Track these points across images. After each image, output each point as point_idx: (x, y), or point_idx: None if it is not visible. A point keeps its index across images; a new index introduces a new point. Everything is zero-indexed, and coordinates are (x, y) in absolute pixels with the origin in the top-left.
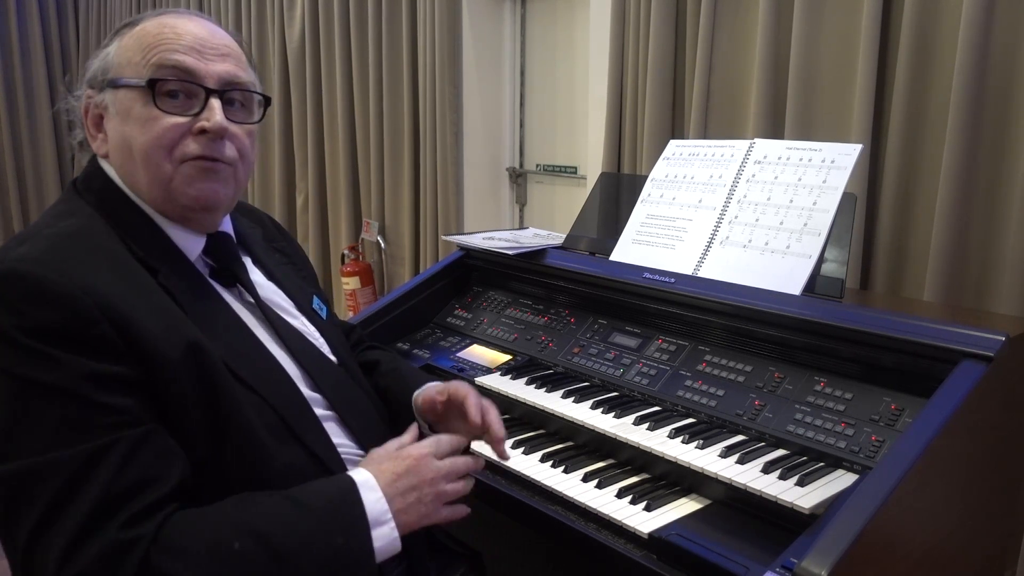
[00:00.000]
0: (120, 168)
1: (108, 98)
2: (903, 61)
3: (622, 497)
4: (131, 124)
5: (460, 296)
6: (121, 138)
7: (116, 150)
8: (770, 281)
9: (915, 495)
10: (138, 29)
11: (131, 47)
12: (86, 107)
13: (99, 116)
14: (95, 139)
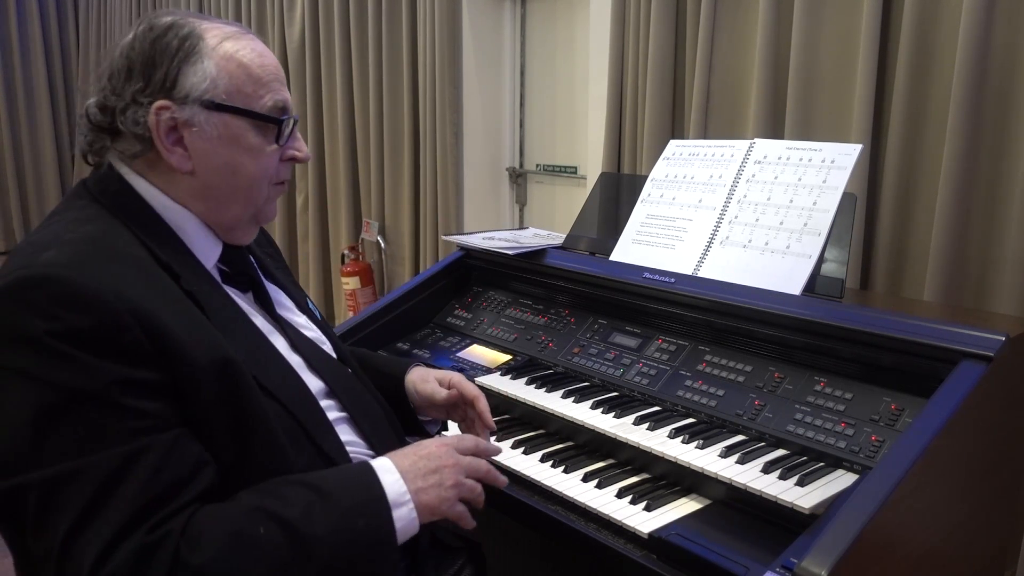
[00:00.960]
0: (200, 187)
1: (201, 117)
2: (903, 61)
3: (622, 497)
4: (239, 151)
5: (460, 296)
6: (224, 163)
7: (212, 172)
8: (770, 281)
9: (915, 495)
10: (233, 53)
11: (237, 74)
12: (160, 120)
13: (174, 129)
14: (171, 153)
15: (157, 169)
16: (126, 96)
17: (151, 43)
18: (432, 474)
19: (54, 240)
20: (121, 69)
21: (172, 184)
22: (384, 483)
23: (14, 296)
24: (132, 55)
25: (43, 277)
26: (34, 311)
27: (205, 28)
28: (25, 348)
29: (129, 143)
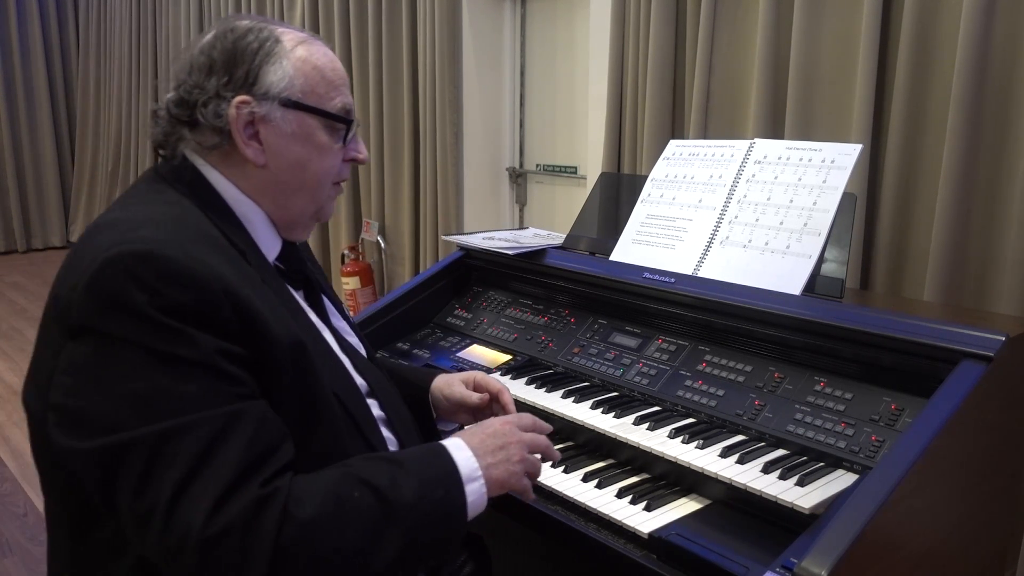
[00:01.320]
0: (272, 181)
1: (277, 113)
2: (903, 61)
3: (622, 497)
4: (309, 148)
5: (460, 296)
6: (295, 159)
7: (283, 167)
8: (770, 281)
9: (915, 495)
10: (308, 55)
11: (312, 76)
12: (240, 114)
13: (251, 123)
14: (247, 146)
15: (230, 162)
16: (209, 90)
17: (232, 43)
18: (500, 451)
19: (145, 219)
20: (202, 66)
21: (244, 177)
22: (456, 460)
23: (119, 268)
24: (213, 53)
25: (147, 252)
26: (138, 284)
27: (281, 32)
28: (128, 318)
29: (207, 135)
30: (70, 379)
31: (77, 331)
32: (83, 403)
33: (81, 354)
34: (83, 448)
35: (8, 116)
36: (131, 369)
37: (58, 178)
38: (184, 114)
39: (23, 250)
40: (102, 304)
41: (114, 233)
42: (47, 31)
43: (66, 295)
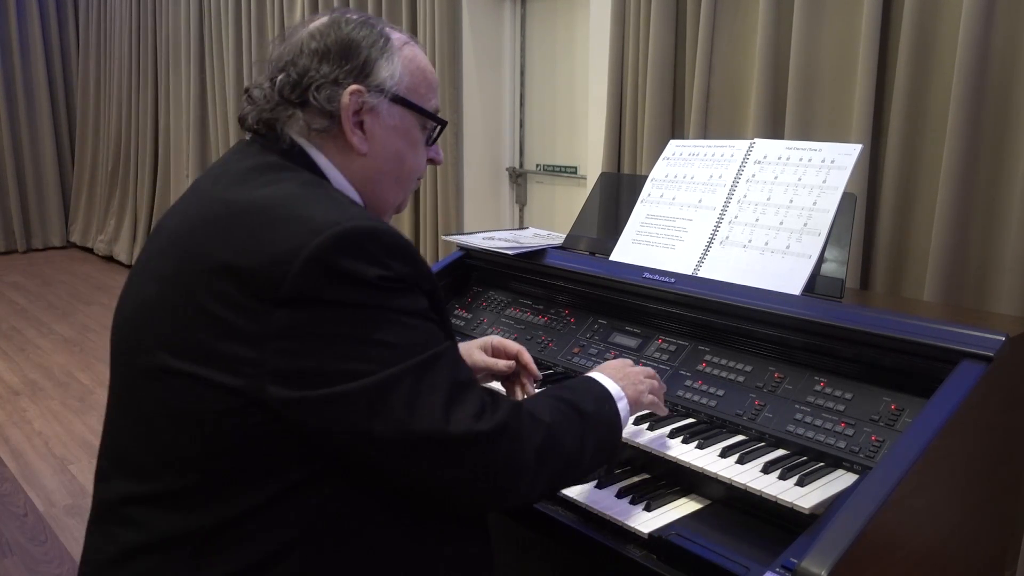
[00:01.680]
0: (371, 169)
1: (384, 106)
2: (903, 61)
3: (622, 497)
4: (406, 143)
5: (460, 296)
6: (395, 150)
7: (383, 158)
8: (770, 281)
9: (915, 495)
10: (414, 56)
11: (416, 75)
12: (351, 101)
13: (358, 112)
14: (353, 133)
15: (335, 146)
16: (325, 75)
17: (348, 33)
18: (625, 378)
19: (322, 197)
20: (315, 51)
21: (346, 163)
22: (606, 385)
23: (349, 244)
24: (328, 41)
25: (374, 229)
26: (369, 259)
27: (389, 30)
28: (362, 288)
29: (315, 117)
30: (300, 343)
31: (295, 300)
32: (327, 360)
33: (311, 320)
34: (334, 392)
35: (8, 116)
36: (371, 324)
37: (58, 178)
38: (295, 95)
39: (23, 250)
40: (332, 277)
41: (310, 210)
42: (47, 31)
43: (264, 267)
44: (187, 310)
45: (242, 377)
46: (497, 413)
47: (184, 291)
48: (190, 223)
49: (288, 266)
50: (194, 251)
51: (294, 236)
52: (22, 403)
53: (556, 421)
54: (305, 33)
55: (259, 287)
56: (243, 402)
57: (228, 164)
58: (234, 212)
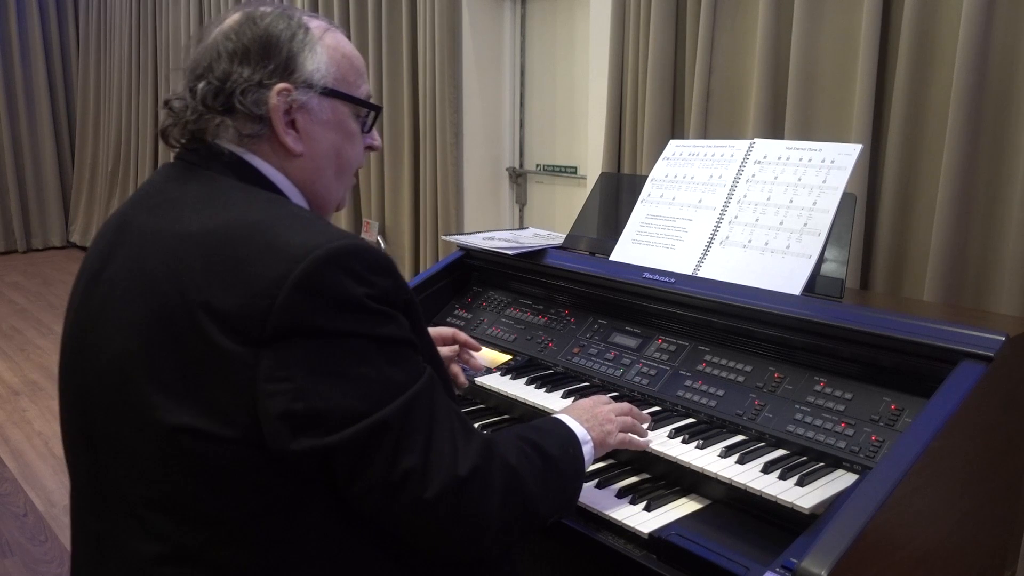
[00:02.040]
0: (310, 169)
1: (314, 101)
2: (903, 61)
3: (622, 497)
4: (341, 136)
5: (460, 296)
6: (332, 145)
7: (320, 155)
8: (770, 281)
9: (915, 495)
10: (337, 43)
11: (343, 64)
12: (280, 102)
13: (288, 111)
14: (286, 134)
15: (271, 150)
16: (251, 78)
17: (265, 29)
18: (593, 419)
19: (291, 216)
20: (232, 52)
21: (284, 164)
22: (571, 427)
23: (333, 266)
24: (245, 40)
25: (355, 247)
26: (355, 278)
27: (307, 19)
28: (351, 312)
29: (245, 123)
30: (294, 383)
31: (285, 334)
32: (322, 401)
33: (301, 356)
34: (333, 441)
35: (8, 116)
36: (359, 358)
37: (58, 178)
38: (219, 103)
39: (23, 250)
40: (321, 303)
41: (282, 235)
42: (47, 31)
43: (247, 304)
44: (176, 359)
45: (238, 428)
46: (470, 450)
47: (169, 339)
48: (144, 264)
49: (272, 300)
50: (164, 293)
51: (274, 266)
52: (22, 403)
53: (521, 463)
54: (219, 34)
55: (243, 327)
56: (246, 451)
57: (166, 192)
58: (200, 246)
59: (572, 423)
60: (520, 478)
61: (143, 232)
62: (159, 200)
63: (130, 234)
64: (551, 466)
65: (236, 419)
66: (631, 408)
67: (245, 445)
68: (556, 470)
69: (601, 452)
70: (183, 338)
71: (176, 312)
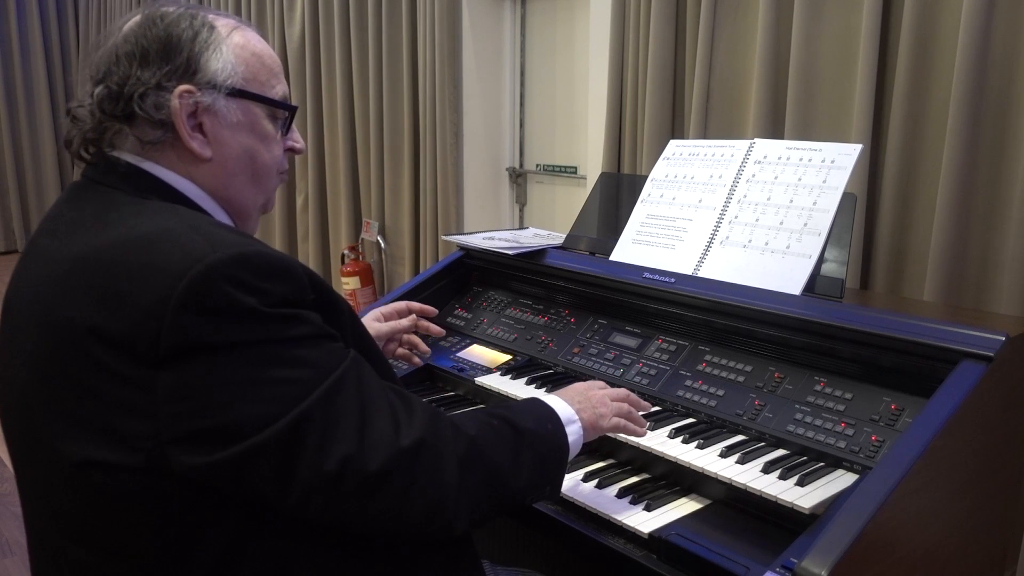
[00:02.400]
0: (221, 174)
1: (221, 102)
2: (903, 61)
3: (622, 497)
4: (254, 138)
5: (460, 296)
6: (243, 149)
7: (230, 159)
8: (770, 281)
9: (915, 495)
10: (245, 42)
11: (252, 62)
12: (183, 105)
13: (194, 115)
14: (192, 138)
15: (176, 157)
16: (148, 81)
17: (165, 30)
18: (585, 401)
19: (177, 229)
20: (131, 54)
21: (194, 172)
22: (553, 406)
23: (216, 279)
24: (143, 41)
25: (239, 256)
26: (243, 289)
27: (213, 18)
28: (243, 322)
29: (146, 130)
30: (197, 401)
31: (176, 355)
32: (230, 413)
33: (200, 372)
34: (246, 448)
35: (8, 116)
36: (263, 364)
37: (58, 178)
38: (118, 108)
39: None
40: (209, 319)
41: (164, 251)
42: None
43: (133, 326)
44: (70, 389)
45: (141, 453)
46: (413, 423)
47: (60, 367)
48: (40, 290)
49: (159, 320)
50: (54, 321)
51: (156, 286)
52: None
53: (482, 435)
54: (119, 36)
55: (135, 350)
56: (153, 479)
57: (63, 215)
58: (85, 268)
59: (555, 401)
60: (478, 448)
61: (41, 258)
62: (58, 223)
63: (32, 260)
64: (523, 440)
65: (138, 444)
66: (628, 394)
67: (150, 472)
68: (530, 445)
69: (593, 435)
70: (75, 366)
71: (66, 340)
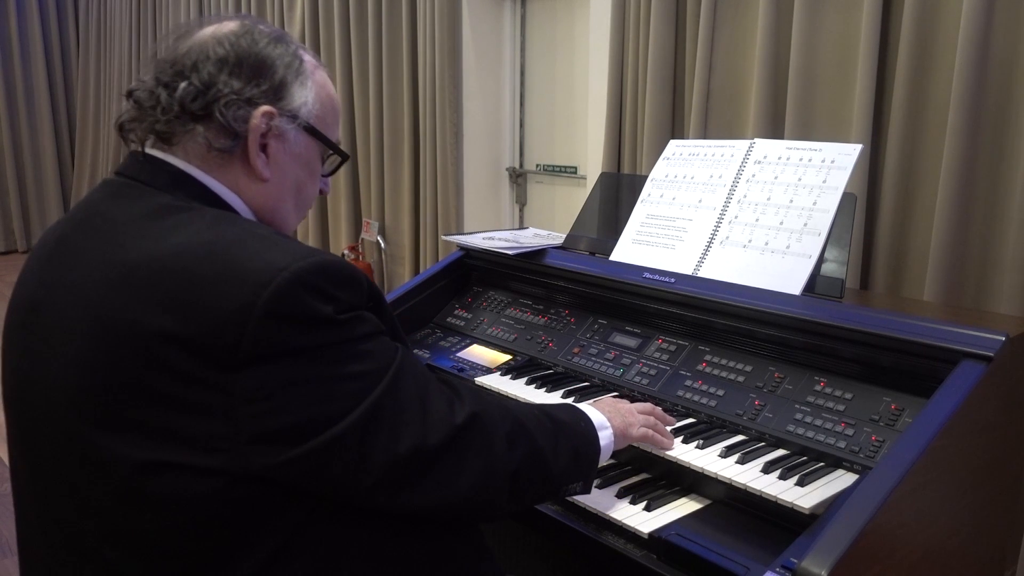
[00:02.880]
0: (273, 196)
1: (292, 133)
2: (903, 61)
3: (622, 497)
4: (306, 172)
5: (460, 296)
6: (295, 179)
7: (284, 185)
8: (770, 281)
9: (915, 495)
10: (325, 83)
11: (327, 104)
12: (263, 124)
13: (264, 135)
14: (258, 157)
15: (230, 169)
16: (240, 92)
17: (263, 48)
18: (615, 410)
19: (248, 236)
20: (224, 60)
21: (241, 187)
22: (585, 411)
23: (298, 288)
24: (240, 52)
25: (317, 265)
26: (321, 297)
27: (301, 51)
28: (320, 329)
29: (219, 135)
30: (277, 401)
31: (257, 358)
32: (308, 409)
33: (279, 375)
34: (325, 440)
35: (8, 116)
36: (335, 363)
37: (58, 178)
38: (198, 107)
39: (23, 250)
40: (291, 325)
41: (244, 258)
42: (47, 31)
43: (213, 331)
44: (135, 394)
45: (220, 454)
46: (464, 402)
47: (124, 373)
48: (89, 293)
49: (242, 326)
50: (112, 325)
51: (240, 292)
52: None
53: (525, 416)
54: (210, 37)
55: (213, 354)
56: (226, 480)
57: (104, 213)
58: (151, 274)
59: (587, 408)
60: (525, 428)
61: (86, 259)
62: (99, 223)
63: (71, 259)
64: (561, 430)
65: (214, 446)
66: (654, 408)
67: (226, 473)
68: (567, 436)
69: (623, 443)
70: (139, 371)
71: (128, 344)
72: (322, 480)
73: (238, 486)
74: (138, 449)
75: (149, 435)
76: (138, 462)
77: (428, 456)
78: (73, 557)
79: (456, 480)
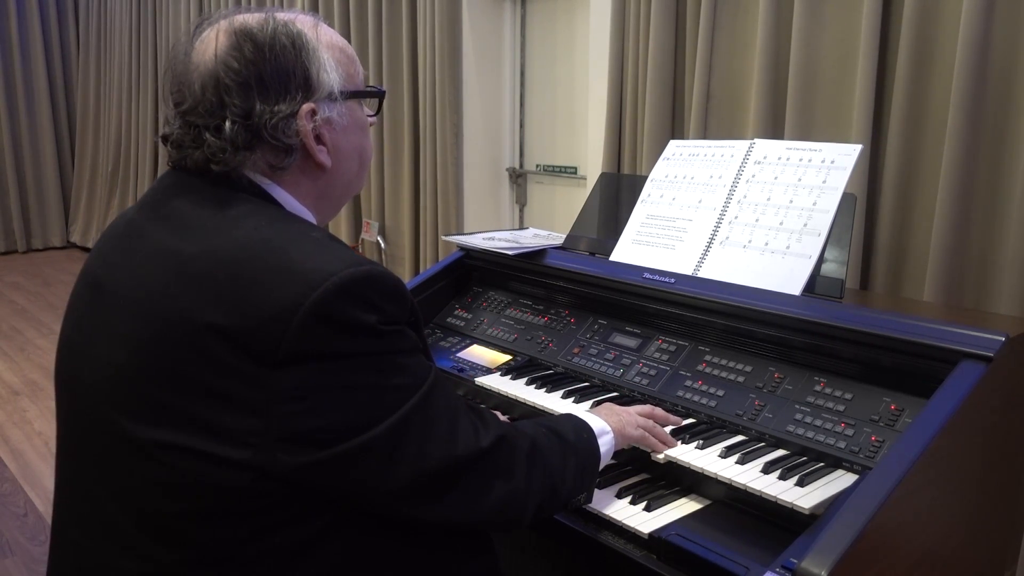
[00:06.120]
0: (338, 176)
1: (335, 111)
2: (903, 61)
3: (622, 497)
4: (360, 133)
5: (460, 296)
6: (354, 147)
7: (348, 160)
8: (770, 281)
9: (915, 495)
10: (331, 40)
11: (342, 59)
12: (310, 123)
13: (316, 129)
14: (319, 152)
15: (288, 172)
16: (280, 111)
17: (270, 53)
18: (615, 415)
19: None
20: (245, 85)
21: (302, 185)
22: (586, 419)
23: (346, 295)
24: (253, 69)
25: (367, 275)
26: (367, 307)
27: (291, 19)
28: (362, 338)
29: (277, 155)
30: (312, 402)
31: (297, 358)
32: (341, 414)
33: (317, 376)
34: (353, 446)
35: (8, 116)
36: (372, 372)
37: (58, 178)
38: (248, 139)
39: (23, 250)
40: (335, 330)
41: (297, 259)
42: (47, 31)
43: (259, 327)
44: (175, 380)
45: (249, 448)
46: (489, 425)
47: (168, 358)
48: (149, 280)
49: (286, 324)
50: (167, 313)
51: (289, 291)
52: (22, 403)
53: (538, 436)
54: (215, 64)
55: (255, 349)
56: (252, 475)
57: (177, 206)
58: (208, 266)
59: (586, 415)
60: (539, 448)
61: (149, 245)
62: (167, 212)
63: (136, 244)
64: (568, 448)
65: (245, 440)
66: (653, 410)
67: (253, 468)
68: (574, 453)
69: (623, 442)
70: (187, 359)
71: (180, 332)
72: (345, 485)
73: (264, 483)
74: (169, 433)
75: (182, 421)
76: (166, 445)
77: (454, 472)
78: (107, 537)
79: (479, 499)
